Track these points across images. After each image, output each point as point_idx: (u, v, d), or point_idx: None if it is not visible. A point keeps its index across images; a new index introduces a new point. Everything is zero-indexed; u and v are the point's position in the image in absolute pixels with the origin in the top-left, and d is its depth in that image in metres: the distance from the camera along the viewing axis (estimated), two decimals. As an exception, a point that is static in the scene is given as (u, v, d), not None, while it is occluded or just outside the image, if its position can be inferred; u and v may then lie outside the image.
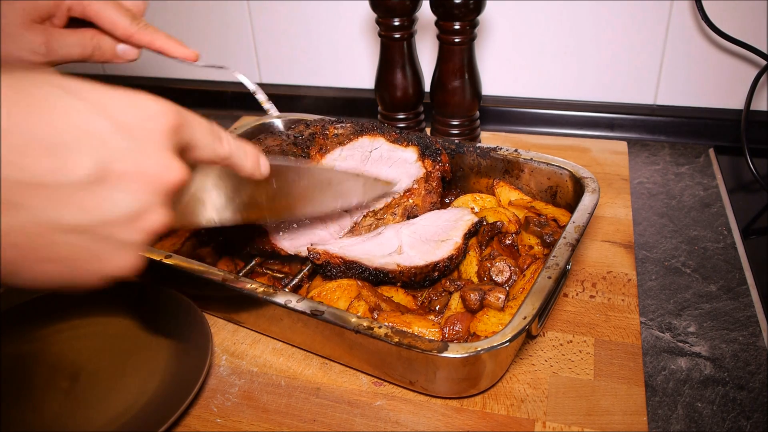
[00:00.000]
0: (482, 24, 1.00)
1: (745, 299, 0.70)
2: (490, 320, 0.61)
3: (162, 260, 0.65)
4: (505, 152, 0.79)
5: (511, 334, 0.52)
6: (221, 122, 1.18)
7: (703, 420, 0.57)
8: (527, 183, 0.79)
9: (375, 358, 0.59)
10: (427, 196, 0.76)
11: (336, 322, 0.56)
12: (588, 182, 0.72)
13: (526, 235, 0.71)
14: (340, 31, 1.14)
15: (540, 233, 0.70)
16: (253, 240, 0.69)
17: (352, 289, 0.64)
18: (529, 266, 0.67)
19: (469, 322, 0.61)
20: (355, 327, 0.55)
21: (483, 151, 0.80)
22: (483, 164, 0.81)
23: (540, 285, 0.57)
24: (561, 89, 1.09)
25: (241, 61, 1.23)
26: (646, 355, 0.63)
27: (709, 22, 0.94)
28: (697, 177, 0.93)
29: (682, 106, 1.05)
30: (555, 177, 0.76)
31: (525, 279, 0.65)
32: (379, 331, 0.54)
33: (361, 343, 0.57)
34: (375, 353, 0.58)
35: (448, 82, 0.88)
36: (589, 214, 0.67)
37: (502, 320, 0.60)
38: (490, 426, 0.56)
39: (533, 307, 0.55)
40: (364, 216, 0.73)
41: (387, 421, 0.57)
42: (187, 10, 1.21)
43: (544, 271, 0.59)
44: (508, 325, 0.53)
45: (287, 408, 0.59)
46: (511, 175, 0.80)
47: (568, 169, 0.75)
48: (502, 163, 0.79)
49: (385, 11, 0.86)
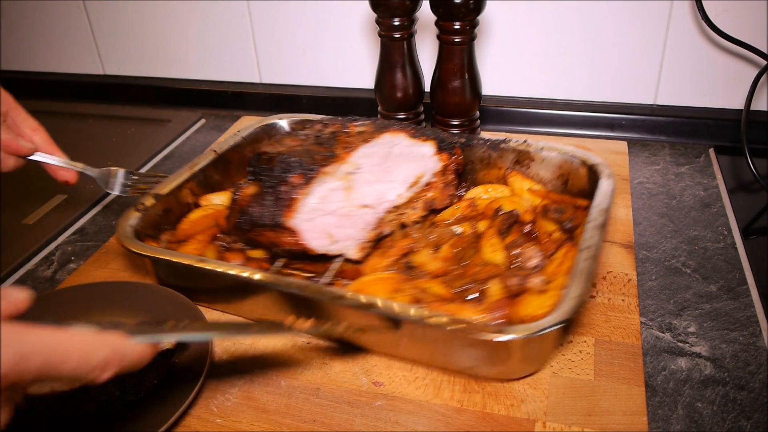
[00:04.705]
0: (482, 24, 1.00)
1: (745, 299, 0.70)
2: (531, 304, 0.62)
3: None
4: (515, 143, 0.81)
5: (569, 313, 0.54)
6: (221, 122, 1.19)
7: (703, 420, 0.57)
8: (537, 172, 0.81)
9: (428, 349, 0.60)
10: (445, 189, 0.78)
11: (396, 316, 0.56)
12: (601, 168, 0.74)
13: (544, 222, 0.72)
14: (340, 31, 1.14)
15: (559, 219, 0.72)
16: (281, 241, 0.68)
17: (391, 282, 0.65)
18: (556, 252, 0.68)
19: (512, 307, 0.62)
20: (419, 318, 0.56)
21: (493, 143, 0.82)
22: (493, 156, 0.82)
23: (582, 266, 0.59)
24: (561, 89, 1.09)
25: (241, 61, 1.23)
26: (646, 355, 0.63)
27: (709, 22, 0.94)
28: (697, 177, 0.93)
29: (682, 106, 1.05)
30: (566, 165, 0.78)
31: (555, 264, 0.66)
32: (446, 321, 0.55)
33: (416, 335, 0.58)
34: (430, 344, 0.59)
35: (448, 82, 0.88)
36: (610, 197, 0.69)
37: (542, 303, 0.61)
38: (490, 426, 0.56)
39: (583, 286, 0.57)
40: (387, 211, 0.74)
41: (387, 421, 0.57)
42: (187, 11, 1.21)
43: (582, 253, 0.60)
44: (564, 304, 0.55)
45: (287, 408, 0.59)
46: (521, 165, 0.81)
47: (579, 156, 0.77)
48: (512, 153, 0.81)
49: (385, 11, 0.86)
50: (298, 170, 0.67)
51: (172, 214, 0.77)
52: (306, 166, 0.67)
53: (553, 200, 0.76)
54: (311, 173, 0.67)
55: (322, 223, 0.69)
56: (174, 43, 1.26)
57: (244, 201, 0.69)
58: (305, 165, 0.67)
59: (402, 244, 0.72)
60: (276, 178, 0.67)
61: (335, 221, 0.70)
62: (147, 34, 1.26)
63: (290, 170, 0.67)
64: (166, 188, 0.77)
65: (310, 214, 0.67)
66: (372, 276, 0.66)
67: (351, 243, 0.71)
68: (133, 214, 0.72)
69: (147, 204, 0.74)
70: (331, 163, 0.68)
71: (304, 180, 0.67)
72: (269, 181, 0.68)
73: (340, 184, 0.69)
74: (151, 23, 1.25)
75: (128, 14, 1.25)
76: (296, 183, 0.66)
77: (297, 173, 0.67)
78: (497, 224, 0.72)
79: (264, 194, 0.68)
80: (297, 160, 0.67)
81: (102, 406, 0.58)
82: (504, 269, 0.67)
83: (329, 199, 0.69)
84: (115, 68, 1.33)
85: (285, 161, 0.68)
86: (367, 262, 0.71)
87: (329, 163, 0.68)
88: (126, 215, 0.72)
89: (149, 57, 1.30)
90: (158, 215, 0.75)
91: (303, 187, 0.66)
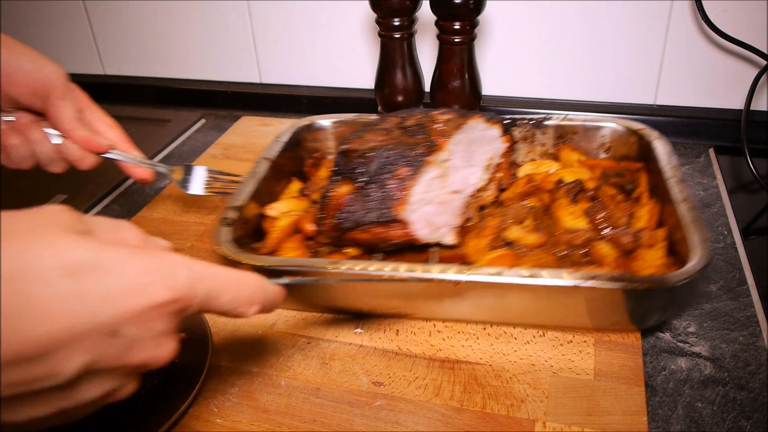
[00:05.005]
0: (482, 24, 1.00)
1: (745, 299, 0.70)
2: (647, 259, 0.65)
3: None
4: (557, 119, 0.86)
5: (707, 256, 0.58)
6: (221, 122, 1.19)
7: (703, 420, 0.57)
8: (579, 143, 0.86)
9: (577, 310, 0.62)
10: (509, 169, 0.81)
11: (561, 283, 0.58)
12: (646, 132, 0.81)
13: (605, 187, 0.78)
14: (340, 31, 1.14)
15: (621, 183, 0.78)
16: (390, 235, 0.68)
17: (509, 258, 0.68)
18: (636, 211, 0.73)
19: (630, 264, 0.65)
20: (587, 276, 0.58)
21: (537, 122, 0.86)
22: (536, 134, 0.86)
23: (691, 215, 0.64)
24: (561, 89, 1.09)
25: (241, 61, 1.23)
26: (646, 355, 0.63)
27: (709, 22, 0.94)
28: (697, 177, 0.93)
29: (682, 106, 1.05)
30: (609, 134, 0.85)
31: (643, 220, 0.71)
32: (608, 277, 0.57)
33: (569, 297, 0.60)
34: (580, 304, 0.61)
35: (448, 82, 0.88)
36: (671, 154, 0.75)
37: (655, 256, 0.65)
38: (490, 426, 0.56)
39: (704, 231, 0.62)
40: (471, 195, 0.76)
41: (387, 421, 0.57)
42: (187, 11, 1.21)
43: (681, 205, 0.66)
44: (696, 250, 0.59)
45: (287, 408, 0.59)
46: (564, 139, 0.86)
47: (624, 125, 0.84)
48: (554, 129, 0.86)
49: (386, 11, 0.86)
50: (401, 163, 0.67)
51: (249, 225, 0.75)
52: (409, 158, 0.67)
53: (607, 167, 0.82)
54: (417, 164, 0.67)
55: (424, 212, 0.69)
56: (174, 43, 1.26)
57: (339, 201, 0.69)
58: (407, 157, 0.67)
59: (492, 223, 0.73)
60: (376, 173, 0.67)
61: (434, 209, 0.71)
62: (147, 34, 1.26)
63: (393, 164, 0.67)
64: (240, 200, 0.74)
65: (415, 205, 0.68)
66: (490, 255, 0.68)
67: (446, 230, 0.72)
68: (223, 229, 0.69)
69: (232, 217, 0.71)
70: (433, 152, 0.69)
71: (411, 171, 0.67)
72: (366, 178, 0.68)
73: (438, 172, 0.70)
74: (151, 23, 1.25)
75: (128, 14, 1.25)
76: (403, 175, 0.67)
77: (401, 165, 0.67)
78: (562, 194, 0.76)
79: (364, 191, 0.68)
80: (398, 152, 0.68)
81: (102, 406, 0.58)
82: (596, 233, 0.71)
83: (430, 188, 0.69)
84: (115, 68, 1.33)
85: (384, 155, 0.68)
86: (468, 245, 0.72)
87: (431, 152, 0.68)
88: (218, 231, 0.68)
89: (149, 57, 1.30)
90: (242, 227, 0.73)
91: (411, 179, 0.67)
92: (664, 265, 0.64)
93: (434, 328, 0.67)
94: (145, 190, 0.98)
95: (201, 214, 0.90)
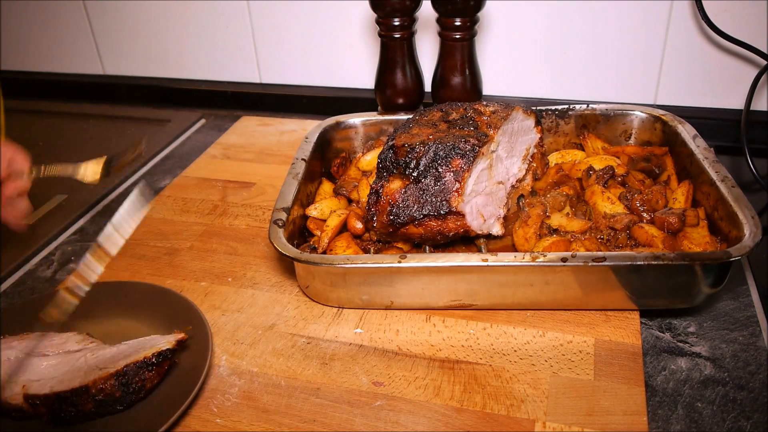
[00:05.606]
0: (482, 24, 1.00)
1: (745, 299, 0.70)
2: (694, 237, 0.68)
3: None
4: (580, 109, 0.88)
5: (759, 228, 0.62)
6: (221, 122, 1.19)
7: (703, 420, 0.57)
8: (602, 132, 0.88)
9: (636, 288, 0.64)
10: (542, 159, 0.82)
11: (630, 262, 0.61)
12: (669, 118, 0.84)
13: (633, 172, 0.80)
14: (340, 31, 1.14)
15: (649, 167, 0.82)
16: (446, 228, 0.68)
17: (562, 244, 0.69)
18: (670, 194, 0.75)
19: (679, 243, 0.67)
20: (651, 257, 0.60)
21: (561, 112, 0.88)
22: (560, 124, 0.88)
23: (735, 193, 0.67)
24: (561, 89, 1.09)
25: (241, 61, 1.23)
26: (646, 355, 0.63)
27: (709, 22, 0.94)
28: (697, 177, 0.93)
29: (682, 106, 1.05)
30: (630, 122, 0.87)
31: (681, 201, 0.73)
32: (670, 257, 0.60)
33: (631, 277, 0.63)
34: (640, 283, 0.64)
35: (449, 79, 0.88)
36: (697, 137, 0.78)
37: (701, 234, 0.68)
38: (490, 426, 0.56)
39: (749, 206, 0.65)
40: (512, 185, 0.77)
41: (387, 421, 0.57)
42: (187, 11, 1.21)
43: (722, 184, 0.69)
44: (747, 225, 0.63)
45: (287, 408, 0.59)
46: (588, 128, 0.88)
47: (643, 112, 0.86)
48: (578, 119, 0.88)
49: (386, 11, 0.86)
50: (454, 155, 0.67)
51: (295, 226, 0.75)
52: (463, 150, 0.67)
53: (632, 153, 0.84)
54: (471, 155, 0.67)
55: (475, 203, 0.70)
56: (174, 43, 1.26)
57: (391, 197, 0.69)
58: (461, 149, 0.67)
59: (536, 212, 0.74)
60: (429, 166, 0.67)
61: (483, 200, 0.71)
62: (147, 34, 1.26)
63: (447, 156, 0.67)
64: (288, 201, 0.74)
65: (468, 197, 0.68)
66: (542, 242, 0.70)
67: (493, 220, 0.73)
68: (278, 231, 0.69)
69: (282, 218, 0.71)
70: (485, 144, 0.69)
71: (465, 163, 0.67)
72: (420, 172, 0.68)
73: (487, 163, 0.70)
74: (151, 23, 1.25)
75: (128, 14, 1.25)
76: (459, 167, 0.67)
77: (455, 158, 0.67)
78: (594, 181, 0.77)
79: (418, 185, 0.68)
80: (450, 144, 0.68)
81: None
82: (635, 216, 0.72)
83: (480, 180, 0.70)
84: (115, 68, 1.33)
85: (438, 148, 0.68)
86: (516, 233, 0.72)
87: (484, 144, 0.69)
88: (275, 234, 0.68)
89: (149, 57, 1.30)
90: (292, 228, 0.73)
91: (467, 170, 0.67)
92: (708, 243, 0.67)
93: (434, 328, 0.67)
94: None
95: (201, 214, 0.90)
